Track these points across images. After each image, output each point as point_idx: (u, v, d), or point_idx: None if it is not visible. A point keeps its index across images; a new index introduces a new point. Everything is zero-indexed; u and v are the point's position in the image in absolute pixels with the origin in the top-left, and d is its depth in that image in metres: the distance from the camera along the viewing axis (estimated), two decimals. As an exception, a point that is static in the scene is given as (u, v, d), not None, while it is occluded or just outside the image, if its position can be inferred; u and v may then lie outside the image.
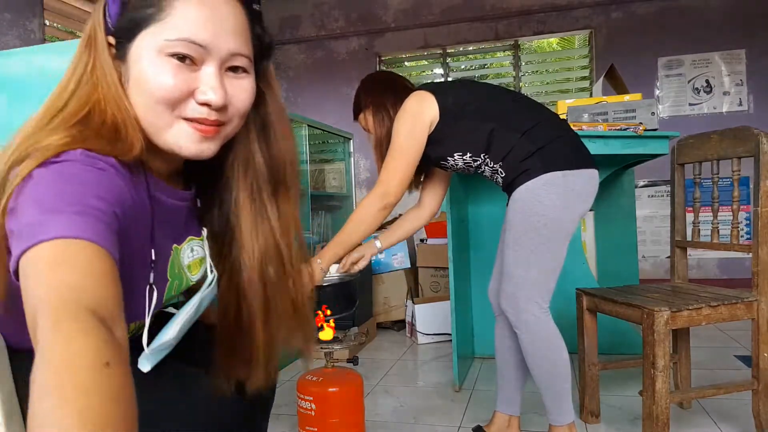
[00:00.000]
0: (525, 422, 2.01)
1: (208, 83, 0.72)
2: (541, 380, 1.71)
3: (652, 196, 4.53)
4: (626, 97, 2.59)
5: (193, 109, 0.72)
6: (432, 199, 2.05)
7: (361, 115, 1.91)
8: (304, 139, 3.41)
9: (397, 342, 3.35)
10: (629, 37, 4.59)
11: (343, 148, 4.23)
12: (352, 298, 1.88)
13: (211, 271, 0.87)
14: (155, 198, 0.77)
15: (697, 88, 4.51)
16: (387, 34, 5.20)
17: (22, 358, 0.87)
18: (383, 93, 1.84)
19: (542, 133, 1.69)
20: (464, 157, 1.75)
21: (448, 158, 1.77)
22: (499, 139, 1.69)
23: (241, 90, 0.76)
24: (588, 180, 1.68)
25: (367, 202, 1.72)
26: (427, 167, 1.99)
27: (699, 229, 2.06)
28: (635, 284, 2.54)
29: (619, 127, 2.31)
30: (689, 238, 2.10)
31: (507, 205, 1.73)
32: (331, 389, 1.75)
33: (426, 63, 5.33)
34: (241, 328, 0.83)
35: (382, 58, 5.27)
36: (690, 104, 4.52)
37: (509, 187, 1.72)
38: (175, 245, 0.83)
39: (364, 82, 1.93)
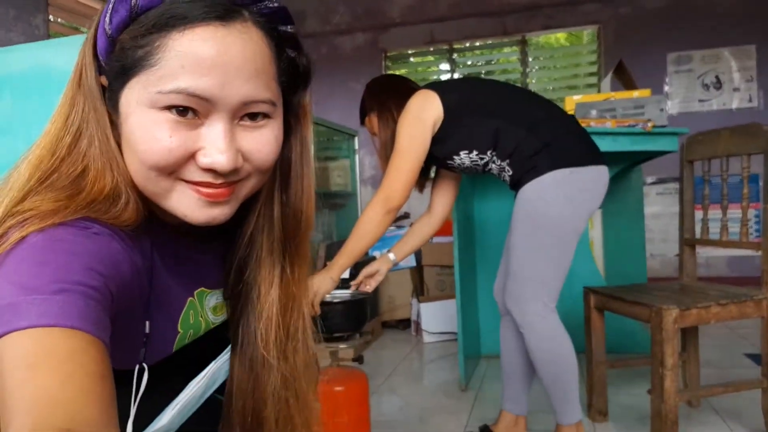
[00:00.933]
0: (532, 421, 2.02)
1: (214, 143, 0.57)
2: (547, 379, 1.71)
3: (661, 193, 4.52)
4: (635, 93, 2.58)
5: (194, 173, 0.59)
6: (442, 205, 2.05)
7: (367, 119, 1.92)
8: (308, 135, 3.42)
9: (403, 341, 3.36)
10: (638, 32, 4.58)
11: (348, 145, 4.23)
12: (361, 317, 1.86)
13: (230, 335, 0.75)
14: (169, 252, 0.67)
15: (706, 84, 4.49)
16: (393, 29, 5.19)
17: None
18: (387, 96, 1.85)
19: (549, 128, 1.69)
20: (470, 155, 1.75)
21: (455, 157, 1.77)
22: (505, 136, 1.68)
23: (262, 143, 0.61)
24: (596, 177, 1.68)
25: (371, 208, 1.71)
26: (430, 169, 1.99)
27: (708, 227, 2.06)
28: (643, 282, 2.54)
29: (627, 124, 2.31)
30: (698, 236, 2.10)
31: (514, 203, 1.73)
32: (336, 388, 1.76)
33: (432, 59, 5.33)
34: (247, 412, 0.73)
35: (388, 54, 5.27)
36: (699, 100, 4.51)
37: (516, 185, 1.71)
38: (198, 290, 0.72)
39: (368, 85, 1.94)
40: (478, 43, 5.06)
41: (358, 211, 4.15)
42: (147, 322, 0.64)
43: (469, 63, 5.18)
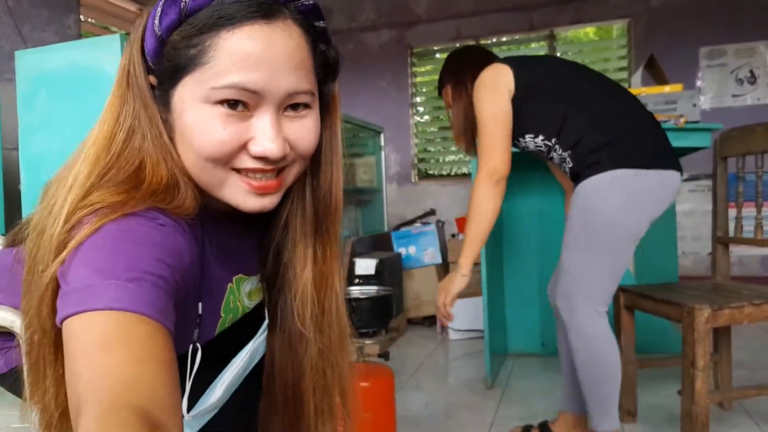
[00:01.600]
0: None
1: (264, 133, 0.62)
2: (587, 382, 1.67)
3: (693, 190, 4.44)
4: (666, 89, 2.53)
5: (246, 161, 0.64)
6: (568, 180, 1.92)
7: (443, 90, 1.87)
8: (335, 132, 3.43)
9: (428, 337, 3.36)
10: (669, 26, 4.49)
11: (374, 142, 4.24)
12: (387, 313, 1.87)
13: (267, 316, 0.80)
14: (215, 239, 0.72)
15: (740, 79, 4.39)
16: (419, 25, 5.18)
17: None
18: (463, 67, 1.80)
19: (618, 123, 1.62)
20: (536, 140, 1.70)
21: (520, 138, 1.73)
22: (570, 125, 1.63)
23: (305, 131, 0.66)
24: (662, 181, 1.60)
25: (480, 188, 1.67)
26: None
27: (742, 225, 2.02)
28: (675, 281, 2.50)
29: (659, 120, 2.27)
30: (732, 234, 2.06)
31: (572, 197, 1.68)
32: (362, 384, 1.77)
33: (458, 55, 5.29)
34: (288, 385, 0.78)
35: (414, 51, 5.26)
36: (733, 95, 4.41)
37: (575, 179, 1.66)
38: (237, 276, 0.77)
39: (448, 56, 1.90)
40: (505, 39, 5.01)
41: (383, 207, 4.15)
42: (200, 304, 0.69)
43: (496, 59, 5.13)
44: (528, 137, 1.71)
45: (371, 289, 2.08)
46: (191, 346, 0.68)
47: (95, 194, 0.58)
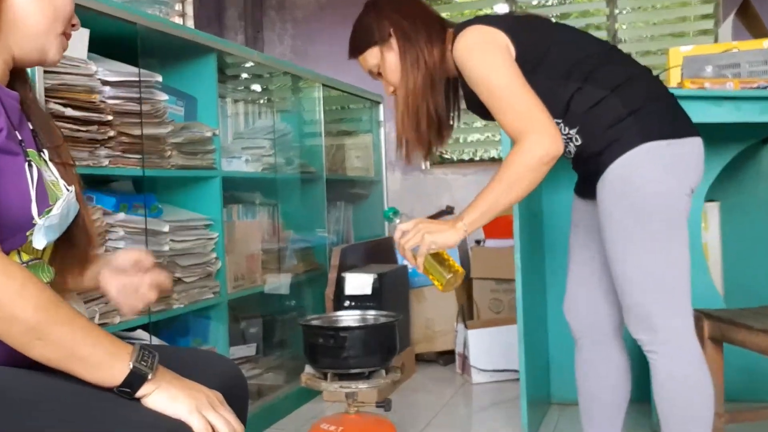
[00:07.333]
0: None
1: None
2: (670, 425, 1.70)
3: (802, 181, 4.44)
4: (765, 43, 2.54)
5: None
6: None
7: (373, 50, 1.88)
8: (317, 102, 3.40)
9: (444, 380, 3.37)
10: (770, -42, 4.49)
11: (370, 116, 4.22)
12: (388, 347, 1.89)
13: (68, 189, 1.28)
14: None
15: None
16: (430, -42, 5.18)
17: None
18: (414, 24, 1.80)
19: (639, 90, 1.70)
20: None
21: None
22: (581, 98, 1.70)
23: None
24: (694, 150, 1.71)
25: (518, 158, 1.63)
26: (458, 119, 2.02)
27: None
28: (777, 304, 2.49)
29: (756, 85, 2.27)
30: None
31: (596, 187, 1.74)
32: (354, 442, 1.77)
33: (484, -2, 5.29)
34: (82, 223, 1.36)
35: None
36: None
37: (593, 161, 1.72)
38: (30, 150, 1.22)
39: (378, 3, 1.87)
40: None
41: (384, 203, 4.13)
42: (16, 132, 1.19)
43: (534, 3, 5.13)
44: None
45: (367, 315, 2.08)
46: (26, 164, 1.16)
47: None
